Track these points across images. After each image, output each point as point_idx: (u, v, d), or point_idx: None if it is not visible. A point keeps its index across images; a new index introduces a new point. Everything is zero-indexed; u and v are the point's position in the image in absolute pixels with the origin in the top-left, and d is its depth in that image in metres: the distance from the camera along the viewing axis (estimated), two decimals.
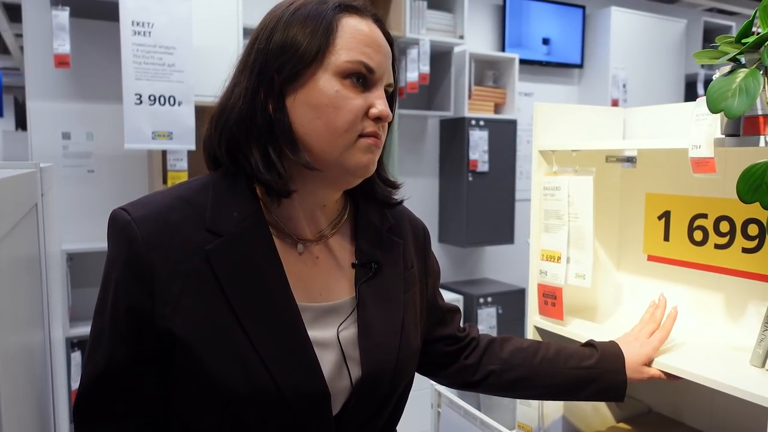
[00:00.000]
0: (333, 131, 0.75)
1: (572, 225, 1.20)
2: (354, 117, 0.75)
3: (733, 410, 1.22)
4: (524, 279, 4.12)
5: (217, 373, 0.71)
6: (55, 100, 2.58)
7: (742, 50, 0.87)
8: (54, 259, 1.35)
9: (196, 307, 0.72)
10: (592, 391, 1.03)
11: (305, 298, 0.79)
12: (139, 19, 2.27)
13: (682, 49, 4.23)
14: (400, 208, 0.97)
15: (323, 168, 0.77)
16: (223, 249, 0.74)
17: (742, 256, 1.16)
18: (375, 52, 0.77)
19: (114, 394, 0.75)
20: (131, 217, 0.73)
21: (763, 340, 0.97)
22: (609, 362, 1.03)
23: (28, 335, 0.85)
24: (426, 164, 3.59)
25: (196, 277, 0.73)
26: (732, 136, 0.91)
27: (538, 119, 1.29)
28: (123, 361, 0.74)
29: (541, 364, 1.03)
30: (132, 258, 0.72)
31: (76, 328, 2.43)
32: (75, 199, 2.63)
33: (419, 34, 3.09)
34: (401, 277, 0.88)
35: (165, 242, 0.73)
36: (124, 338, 0.73)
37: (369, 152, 0.77)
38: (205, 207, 0.76)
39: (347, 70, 0.75)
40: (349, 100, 0.75)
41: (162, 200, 0.77)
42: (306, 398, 0.74)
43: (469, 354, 1.03)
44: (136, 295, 0.72)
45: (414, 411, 2.34)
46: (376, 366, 0.80)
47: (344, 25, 0.76)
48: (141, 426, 0.77)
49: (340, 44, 0.75)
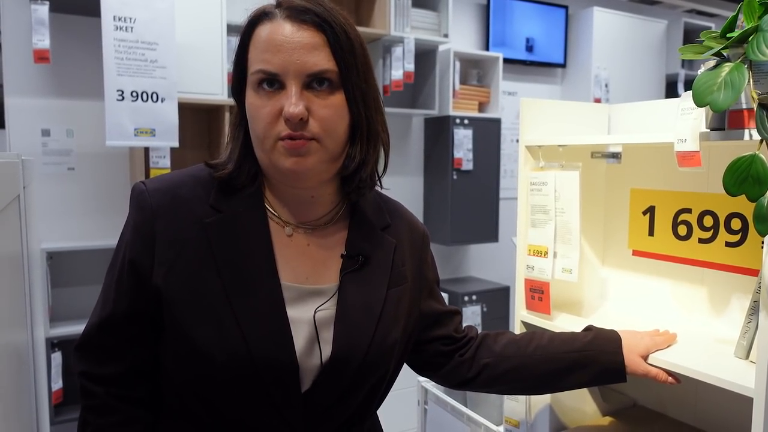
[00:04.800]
0: (256, 140, 0.81)
1: (559, 220, 1.21)
2: (265, 124, 0.79)
3: (717, 402, 1.24)
4: (509, 277, 4.11)
5: (196, 335, 0.79)
6: (34, 97, 2.53)
7: (726, 45, 0.87)
8: (34, 257, 1.32)
9: (187, 271, 0.81)
10: (590, 375, 1.01)
11: (292, 278, 0.85)
12: (120, 14, 2.23)
13: (662, 50, 4.29)
14: (403, 211, 1.01)
15: (270, 174, 0.85)
16: (220, 223, 0.83)
17: (725, 250, 1.17)
18: (273, 55, 0.78)
19: (112, 339, 0.84)
20: (146, 188, 0.84)
21: (747, 332, 0.99)
22: (604, 344, 1.02)
23: (12, 335, 0.83)
24: (410, 162, 3.59)
25: (193, 246, 0.81)
26: (717, 130, 0.92)
27: (524, 115, 1.30)
28: (123, 311, 0.83)
29: (534, 352, 1.02)
30: (140, 222, 0.83)
31: (56, 328, 2.39)
32: (55, 197, 2.59)
33: (404, 32, 3.08)
34: (388, 273, 0.91)
35: (171, 212, 0.82)
36: (125, 291, 0.83)
37: (290, 155, 0.79)
38: (212, 186, 0.85)
39: (256, 82, 0.80)
40: (260, 109, 0.79)
41: (177, 177, 0.87)
42: (275, 368, 0.79)
43: (464, 352, 1.03)
44: (139, 252, 0.82)
45: (401, 408, 2.34)
46: (346, 350, 0.83)
47: (254, 37, 0.81)
48: (130, 371, 0.85)
49: (251, 58, 0.81)
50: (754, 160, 0.81)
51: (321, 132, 0.79)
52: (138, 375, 0.86)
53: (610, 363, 1.00)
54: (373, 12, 3.07)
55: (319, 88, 0.79)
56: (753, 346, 0.97)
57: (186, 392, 0.84)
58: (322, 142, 0.79)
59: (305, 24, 0.78)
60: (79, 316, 2.53)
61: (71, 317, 2.51)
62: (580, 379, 1.02)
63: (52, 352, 2.33)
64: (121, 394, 0.85)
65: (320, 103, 0.79)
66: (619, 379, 1.01)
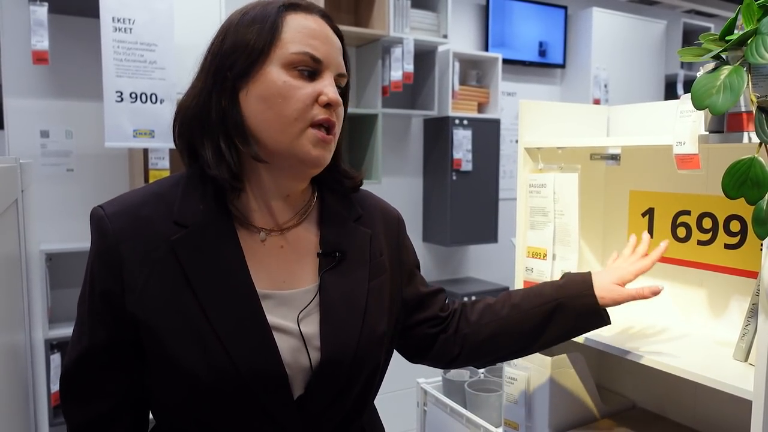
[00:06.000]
0: (283, 120, 0.78)
1: (558, 222, 1.21)
2: (303, 105, 0.78)
3: (716, 404, 1.24)
4: (508, 277, 4.10)
5: (180, 356, 0.76)
6: (33, 98, 2.53)
7: (725, 47, 0.88)
8: (33, 258, 1.32)
9: (161, 293, 0.77)
10: (568, 322, 0.98)
11: (269, 285, 0.83)
12: (119, 15, 2.23)
13: (662, 50, 4.29)
14: (373, 199, 1.00)
15: (277, 159, 0.81)
16: (186, 239, 0.79)
17: (724, 252, 1.17)
18: (321, 44, 0.80)
19: (93, 373, 0.81)
20: (105, 213, 0.80)
21: (746, 335, 0.99)
22: (574, 287, 0.99)
23: (10, 336, 0.83)
24: (410, 163, 3.59)
25: (162, 266, 0.78)
26: (716, 133, 0.92)
27: (523, 117, 1.30)
28: (101, 342, 0.80)
29: (510, 314, 0.99)
30: (103, 249, 0.79)
31: (56, 329, 2.39)
32: (54, 198, 2.58)
33: (403, 33, 3.08)
34: (367, 265, 0.89)
35: (134, 235, 0.79)
36: (100, 321, 0.80)
37: (319, 147, 0.80)
38: (174, 201, 0.81)
39: (294, 62, 0.78)
40: (297, 90, 0.78)
41: (136, 196, 0.83)
42: (263, 378, 0.77)
43: (447, 328, 1.02)
44: (108, 281, 0.78)
45: (400, 409, 2.34)
46: (336, 350, 0.82)
47: (290, 21, 0.80)
48: (120, 404, 0.83)
49: (287, 38, 0.79)
50: (753, 163, 0.81)
51: (338, 127, 0.83)
52: (125, 408, 0.84)
53: (584, 306, 0.97)
54: (372, 13, 3.07)
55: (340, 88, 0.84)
56: (752, 348, 0.97)
57: (178, 415, 0.82)
58: (336, 136, 0.84)
59: (332, 29, 0.84)
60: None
61: (71, 318, 2.50)
62: (560, 330, 0.99)
63: (51, 354, 2.33)
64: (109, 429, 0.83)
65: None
66: (599, 320, 0.98)
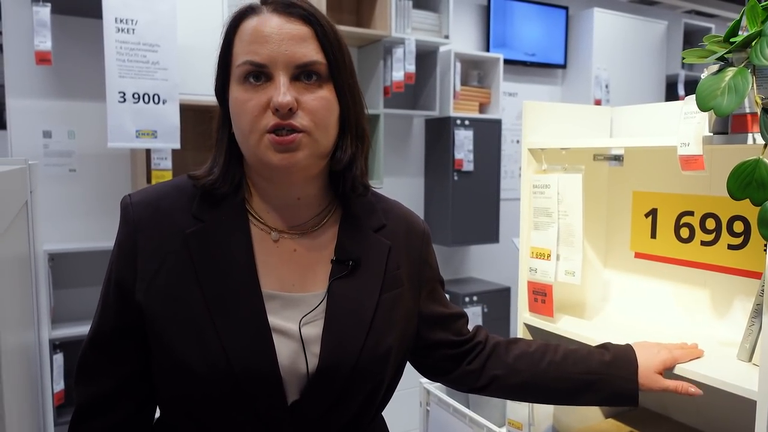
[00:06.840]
0: (243, 134, 0.78)
1: (562, 222, 1.21)
2: (252, 116, 0.76)
3: (720, 405, 1.24)
4: (510, 278, 4.09)
5: (176, 347, 0.77)
6: (35, 98, 2.53)
7: (730, 49, 0.88)
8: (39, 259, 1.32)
9: (169, 284, 0.79)
10: (602, 397, 0.99)
11: (276, 286, 0.82)
12: (122, 16, 2.23)
13: (663, 50, 4.29)
14: (400, 209, 0.97)
15: (258, 169, 0.83)
16: (200, 233, 0.81)
17: (727, 253, 1.18)
18: (261, 45, 0.76)
19: (98, 356, 0.84)
20: (131, 201, 0.83)
21: (750, 335, 0.99)
22: (619, 368, 0.97)
23: (23, 336, 0.83)
24: (411, 164, 3.59)
25: (174, 258, 0.80)
26: (720, 134, 0.92)
27: (527, 118, 1.30)
28: (108, 327, 0.83)
29: (548, 369, 0.98)
30: (123, 237, 0.82)
31: (58, 329, 2.39)
32: (56, 198, 2.59)
33: (405, 34, 3.09)
34: (381, 277, 0.87)
35: (152, 225, 0.81)
36: (111, 307, 0.82)
37: (277, 151, 0.76)
38: (195, 195, 0.84)
39: (242, 74, 0.77)
40: (245, 103, 0.77)
41: (161, 188, 0.85)
42: (257, 379, 0.77)
43: (472, 359, 1.00)
44: (123, 270, 0.81)
45: (403, 409, 2.34)
46: (334, 360, 0.80)
47: (240, 32, 0.79)
48: (122, 385, 0.84)
49: (236, 52, 0.79)
50: (758, 164, 0.81)
51: (311, 124, 0.77)
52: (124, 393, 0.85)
53: (624, 389, 0.97)
54: (374, 13, 3.07)
55: (308, 81, 0.77)
56: (756, 348, 0.97)
57: (174, 407, 0.83)
58: (313, 135, 0.77)
59: (293, 17, 0.78)
60: (80, 317, 2.53)
61: (73, 318, 2.52)
62: (591, 399, 1.00)
63: (54, 354, 2.33)
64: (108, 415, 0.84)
65: (309, 96, 0.77)
66: (631, 403, 0.98)
